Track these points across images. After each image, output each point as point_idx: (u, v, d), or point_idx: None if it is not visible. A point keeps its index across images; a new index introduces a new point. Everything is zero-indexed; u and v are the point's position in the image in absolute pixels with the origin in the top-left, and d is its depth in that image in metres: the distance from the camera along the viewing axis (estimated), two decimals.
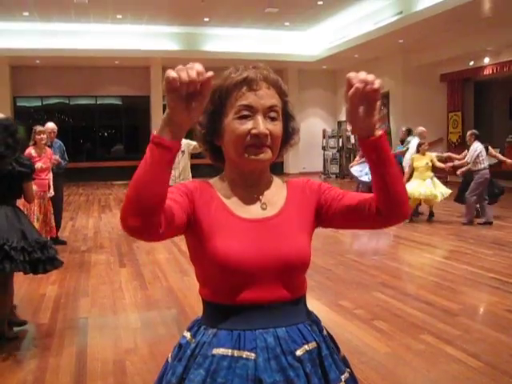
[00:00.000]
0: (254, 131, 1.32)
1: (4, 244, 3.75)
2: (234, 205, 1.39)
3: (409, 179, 9.38)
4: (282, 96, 1.41)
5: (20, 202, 6.60)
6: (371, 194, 1.40)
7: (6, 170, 3.96)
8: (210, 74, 1.10)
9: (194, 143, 8.43)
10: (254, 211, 1.39)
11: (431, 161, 9.42)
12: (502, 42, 14.64)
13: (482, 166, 8.99)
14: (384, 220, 1.39)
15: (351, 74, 1.21)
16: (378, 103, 1.24)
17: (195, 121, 1.19)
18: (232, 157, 1.38)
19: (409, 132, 11.44)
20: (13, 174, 3.98)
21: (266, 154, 1.34)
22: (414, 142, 10.40)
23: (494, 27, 13.83)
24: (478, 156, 8.99)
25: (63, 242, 7.73)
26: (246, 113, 1.33)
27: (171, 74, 1.08)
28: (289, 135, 1.46)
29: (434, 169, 9.54)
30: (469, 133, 9.57)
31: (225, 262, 1.30)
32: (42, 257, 3.93)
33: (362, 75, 1.20)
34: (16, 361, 3.74)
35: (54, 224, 7.18)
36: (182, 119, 1.14)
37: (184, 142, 8.49)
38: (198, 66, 1.10)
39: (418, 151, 9.62)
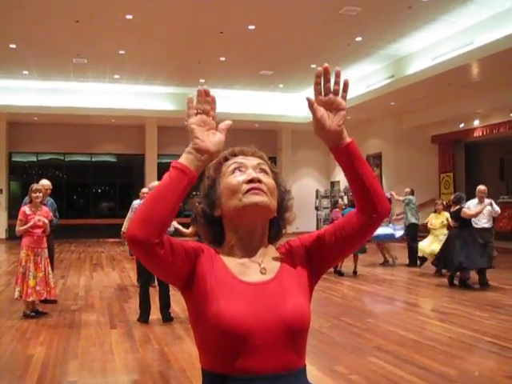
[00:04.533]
0: (247, 178, 1.40)
1: None
2: (235, 268, 1.40)
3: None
4: (271, 167, 1.51)
5: (21, 257, 6.56)
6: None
7: None
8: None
9: None
10: (253, 276, 1.39)
11: (446, 219, 9.95)
12: (491, 105, 14.99)
13: None
14: (369, 218, 1.41)
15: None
16: (344, 113, 1.35)
17: (212, 150, 1.31)
18: (231, 214, 1.40)
19: (412, 193, 12.45)
20: None
21: (264, 198, 1.37)
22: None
23: (482, 91, 14.20)
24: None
25: (53, 302, 7.60)
26: (237, 170, 1.44)
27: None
28: (284, 209, 1.50)
29: (449, 227, 9.88)
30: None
31: (226, 324, 1.28)
32: None
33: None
34: None
35: (53, 285, 7.08)
36: (203, 142, 1.30)
37: None
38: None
39: (434, 211, 10.57)
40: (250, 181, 1.38)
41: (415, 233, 12.12)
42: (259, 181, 1.39)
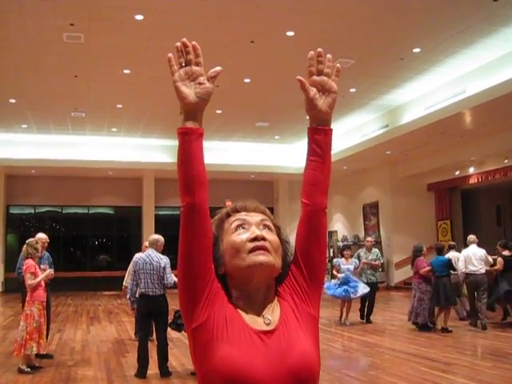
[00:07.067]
0: (251, 236, 1.36)
1: None
2: (244, 317, 1.37)
3: None
4: (274, 222, 1.48)
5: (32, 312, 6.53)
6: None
7: None
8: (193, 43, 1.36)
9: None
10: (259, 326, 1.36)
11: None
12: (485, 152, 15.16)
13: None
14: (312, 207, 1.46)
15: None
16: (335, 96, 1.45)
17: (195, 101, 1.33)
18: (235, 273, 1.37)
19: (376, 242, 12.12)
20: None
21: (268, 257, 1.34)
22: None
23: (476, 138, 14.39)
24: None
25: (50, 356, 7.47)
26: (241, 227, 1.40)
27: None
28: (288, 264, 1.47)
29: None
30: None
31: (231, 372, 1.24)
32: None
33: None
34: None
35: (45, 339, 7.02)
36: (187, 98, 1.32)
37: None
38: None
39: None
40: (254, 239, 1.36)
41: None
42: (263, 239, 1.37)
